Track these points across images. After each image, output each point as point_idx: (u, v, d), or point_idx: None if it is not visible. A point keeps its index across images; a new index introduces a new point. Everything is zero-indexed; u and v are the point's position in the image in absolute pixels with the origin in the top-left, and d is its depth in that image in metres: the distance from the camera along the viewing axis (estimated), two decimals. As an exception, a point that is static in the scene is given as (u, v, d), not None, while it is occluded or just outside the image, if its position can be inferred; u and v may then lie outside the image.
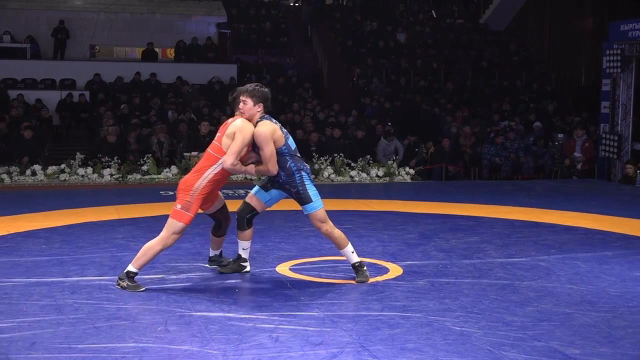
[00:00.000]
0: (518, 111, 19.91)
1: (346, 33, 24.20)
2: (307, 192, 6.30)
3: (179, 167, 14.36)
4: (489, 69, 23.09)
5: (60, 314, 5.40)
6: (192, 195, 6.13)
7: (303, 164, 6.39)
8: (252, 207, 6.55)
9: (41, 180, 14.01)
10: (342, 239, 6.39)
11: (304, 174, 6.33)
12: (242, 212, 6.57)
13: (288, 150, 6.27)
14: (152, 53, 23.09)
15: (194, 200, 6.13)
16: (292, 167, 6.29)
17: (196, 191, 6.14)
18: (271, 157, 6.14)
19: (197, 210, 6.18)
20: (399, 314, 5.45)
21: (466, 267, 7.03)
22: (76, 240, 8.20)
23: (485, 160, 16.34)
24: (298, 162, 6.34)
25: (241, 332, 5.02)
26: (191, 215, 6.12)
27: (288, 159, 6.27)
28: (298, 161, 6.34)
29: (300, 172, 6.31)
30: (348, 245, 6.41)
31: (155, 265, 6.81)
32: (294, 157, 6.32)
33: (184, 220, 6.11)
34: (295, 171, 6.30)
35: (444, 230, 8.98)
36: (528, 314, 5.52)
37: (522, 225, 9.48)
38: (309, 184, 6.34)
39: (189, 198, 6.13)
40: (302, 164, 6.37)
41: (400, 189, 13.88)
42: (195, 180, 6.16)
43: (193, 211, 6.13)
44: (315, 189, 6.37)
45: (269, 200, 6.57)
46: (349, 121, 18.22)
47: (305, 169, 6.37)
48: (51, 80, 20.77)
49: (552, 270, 6.94)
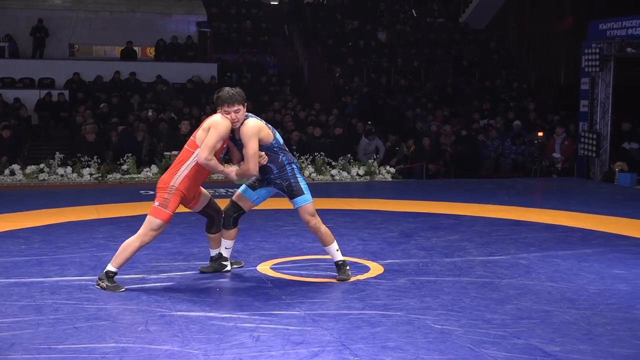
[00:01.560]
0: (498, 110, 20.00)
1: (327, 32, 24.21)
2: (299, 185, 6.32)
3: (159, 166, 14.31)
4: (469, 68, 23.17)
5: (40, 314, 5.37)
6: (170, 192, 6.11)
7: (293, 158, 6.43)
8: (239, 206, 6.54)
9: (20, 179, 13.90)
10: (328, 236, 6.40)
11: (295, 168, 6.35)
12: (228, 211, 6.55)
13: (278, 145, 6.29)
14: (131, 52, 22.99)
15: (172, 197, 6.10)
16: (284, 161, 6.30)
17: (173, 188, 6.12)
18: (254, 155, 6.10)
19: (175, 208, 6.15)
20: (380, 313, 5.46)
21: (447, 266, 7.06)
22: (56, 240, 8.16)
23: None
24: (288, 155, 6.37)
25: (222, 331, 5.02)
26: (169, 212, 6.09)
27: (280, 153, 6.29)
28: (288, 155, 6.38)
29: (292, 165, 6.34)
30: (333, 243, 6.42)
31: (136, 265, 6.79)
32: (284, 151, 6.34)
33: (161, 217, 6.08)
34: (287, 164, 6.31)
35: (424, 229, 9.00)
36: (508, 311, 5.55)
37: (503, 223, 9.52)
38: (299, 177, 6.36)
39: (166, 195, 6.10)
40: (292, 158, 6.41)
41: (381, 187, 13.90)
42: (172, 177, 6.15)
43: (171, 208, 6.10)
44: (305, 183, 6.39)
45: (257, 199, 6.56)
46: (329, 120, 18.24)
47: (295, 162, 6.40)
48: (30, 79, 20.63)
49: (532, 268, 6.98)
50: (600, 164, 15.09)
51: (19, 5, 23.02)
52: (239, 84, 20.34)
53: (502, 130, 17.95)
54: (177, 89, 20.32)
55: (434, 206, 10.91)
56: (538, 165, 16.43)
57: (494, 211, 10.45)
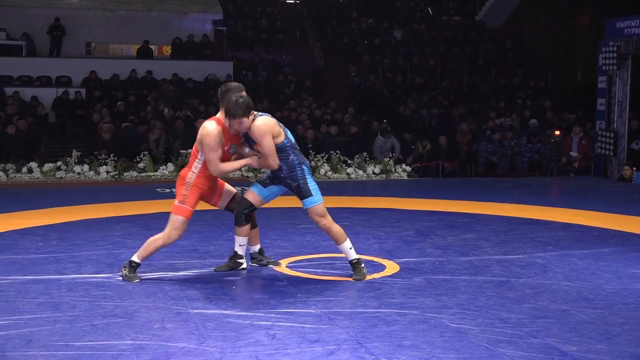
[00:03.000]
0: (514, 108, 19.92)
1: (342, 30, 24.19)
2: (308, 186, 6.29)
3: (175, 164, 14.35)
4: (485, 66, 23.09)
5: (57, 311, 5.39)
6: (187, 188, 6.24)
7: (304, 158, 6.42)
8: (249, 202, 6.54)
9: (37, 177, 13.99)
10: (340, 235, 6.37)
11: (305, 168, 6.34)
12: (239, 206, 6.56)
13: (290, 144, 6.27)
14: (147, 50, 23.06)
15: (189, 192, 6.22)
16: (294, 161, 6.28)
17: (189, 183, 6.23)
18: (272, 152, 6.13)
19: (194, 203, 6.24)
20: (395, 311, 5.45)
21: (463, 264, 7.04)
22: (73, 237, 8.19)
23: (482, 157, 16.36)
24: (299, 155, 6.36)
25: (238, 329, 5.02)
26: (189, 208, 6.19)
27: (290, 153, 6.27)
28: (299, 155, 6.36)
29: (302, 165, 6.32)
30: (346, 241, 6.39)
31: (152, 263, 6.81)
32: (295, 150, 6.33)
33: (182, 213, 6.17)
34: (297, 165, 6.29)
35: (440, 228, 8.98)
36: (525, 310, 5.53)
37: (519, 222, 9.48)
38: (309, 178, 6.34)
39: (184, 191, 6.23)
40: (303, 158, 6.39)
41: (396, 186, 13.88)
42: (187, 174, 6.28)
43: (190, 203, 6.20)
44: (315, 183, 6.37)
45: (267, 195, 6.55)
46: (345, 118, 18.22)
47: (305, 163, 6.39)
48: (47, 77, 20.73)
49: (549, 267, 6.95)
50: (618, 162, 15.00)
51: (36, 4, 23.13)
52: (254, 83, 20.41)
53: (518, 129, 17.88)
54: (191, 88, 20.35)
55: (450, 205, 10.88)
56: (555, 164, 16.36)
57: (510, 210, 10.42)
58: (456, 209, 10.42)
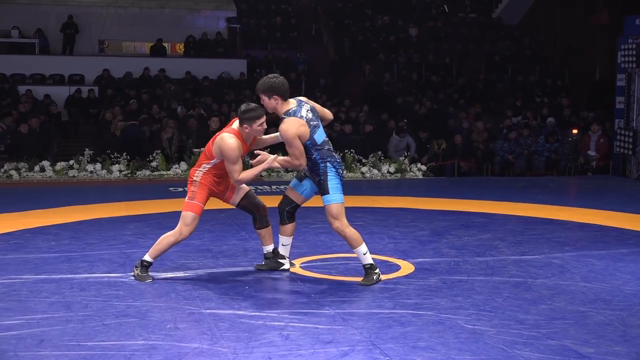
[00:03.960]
0: (531, 106, 19.84)
1: (357, 28, 24.16)
2: (327, 183, 6.19)
3: (189, 163, 14.37)
4: (501, 63, 23.00)
5: (69, 311, 5.42)
6: (195, 184, 6.29)
7: (331, 156, 6.26)
8: (290, 199, 6.51)
9: (50, 176, 14.05)
10: (354, 239, 6.24)
11: (329, 165, 6.21)
12: (281, 205, 6.55)
13: (312, 144, 6.17)
14: (160, 48, 23.12)
15: (198, 188, 6.26)
16: (317, 158, 6.21)
17: (196, 182, 6.28)
18: (300, 155, 6.08)
19: (204, 199, 6.26)
20: (410, 312, 5.44)
21: (479, 265, 7.02)
22: (85, 236, 8.23)
23: (498, 156, 16.30)
24: (324, 154, 6.23)
25: (251, 329, 5.03)
26: (198, 204, 6.22)
27: (313, 152, 6.20)
28: (325, 153, 6.23)
29: (326, 162, 6.21)
30: (360, 246, 6.26)
31: (165, 263, 6.82)
32: (320, 150, 6.21)
33: (192, 209, 6.21)
34: (320, 161, 6.21)
35: (456, 227, 8.96)
36: (541, 312, 5.50)
37: (536, 222, 9.44)
38: (332, 175, 6.20)
39: (193, 188, 6.29)
40: (329, 157, 6.23)
41: (411, 185, 13.86)
42: (194, 172, 6.34)
43: (199, 199, 6.23)
44: (338, 182, 6.22)
45: (304, 190, 6.50)
46: (360, 117, 18.20)
47: (331, 160, 6.23)
48: (60, 75, 20.82)
49: (566, 268, 6.92)
50: (637, 162, 14.91)
51: (49, 2, 23.23)
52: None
53: (535, 127, 17.80)
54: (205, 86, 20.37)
55: (466, 204, 10.85)
56: (572, 163, 16.28)
57: (527, 210, 10.37)
58: (472, 209, 10.39)
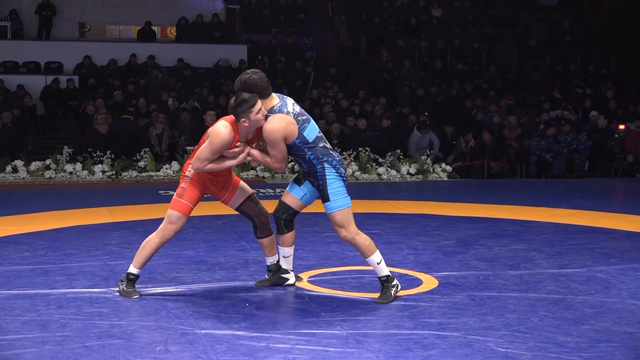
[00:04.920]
0: (572, 99, 19.82)
1: (373, 8, 24.17)
2: (327, 188, 6.07)
3: (181, 162, 14.39)
4: (538, 49, 22.99)
5: (46, 330, 5.42)
6: (186, 181, 6.27)
7: (328, 154, 6.13)
8: (287, 205, 6.39)
9: (23, 177, 14.10)
10: (366, 247, 6.16)
11: (327, 166, 6.09)
12: (276, 212, 6.44)
13: (303, 142, 6.07)
14: (149, 32, 23.18)
15: (188, 185, 6.24)
16: (311, 158, 6.10)
17: (188, 177, 6.27)
18: (281, 160, 6.01)
19: (193, 199, 6.22)
20: (434, 333, 5.43)
21: (512, 279, 7.01)
22: (63, 246, 8.24)
23: (534, 155, 16.29)
24: (320, 152, 6.11)
25: (252, 352, 5.03)
26: (185, 202, 6.19)
27: (305, 150, 6.10)
28: (320, 151, 6.11)
29: (323, 163, 6.09)
30: (373, 255, 6.17)
31: (154, 276, 6.83)
32: (313, 148, 6.10)
33: (178, 208, 6.19)
34: (316, 162, 6.10)
35: (486, 236, 8.95)
36: (584, 333, 5.49)
37: (577, 230, 9.43)
38: (332, 178, 6.09)
39: (183, 184, 6.27)
40: (326, 155, 6.11)
41: (435, 188, 13.85)
42: (188, 166, 6.31)
43: (187, 198, 6.20)
44: (340, 184, 6.11)
45: (304, 195, 6.34)
46: (376, 110, 18.21)
47: (329, 160, 6.10)
48: (35, 63, 20.90)
49: (612, 283, 6.90)
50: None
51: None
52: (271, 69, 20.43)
53: (577, 123, 17.79)
54: (201, 73, 20.43)
55: (497, 210, 10.85)
56: (619, 163, 16.25)
57: (567, 216, 10.36)
58: (504, 215, 10.38)
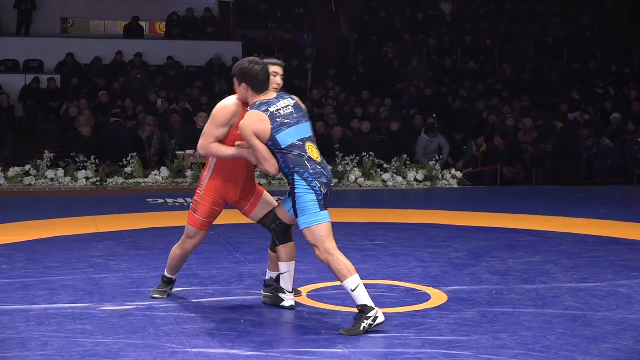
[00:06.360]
0: (592, 100, 19.83)
1: (378, 3, 24.20)
2: (295, 202, 5.91)
3: (171, 168, 14.38)
4: (555, 47, 23.00)
5: (25, 349, 5.43)
6: (200, 193, 6.32)
7: (301, 164, 5.88)
8: (275, 215, 6.27)
9: (1, 184, 14.09)
10: (338, 270, 5.89)
11: (297, 177, 5.88)
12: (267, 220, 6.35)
13: (275, 146, 5.90)
14: (137, 28, 23.19)
15: (202, 197, 6.28)
16: (282, 166, 5.95)
17: (203, 185, 6.30)
18: (263, 158, 5.88)
19: (206, 212, 6.25)
20: (443, 352, 5.44)
21: (527, 294, 7.01)
22: (44, 258, 8.24)
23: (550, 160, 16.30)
24: (291, 160, 5.89)
25: (247, 373, 5.04)
26: (199, 217, 6.27)
27: (278, 156, 5.93)
28: (291, 160, 5.89)
29: (293, 173, 5.90)
30: (347, 280, 5.87)
31: (142, 291, 6.84)
32: (285, 154, 5.91)
33: (192, 223, 6.33)
34: (287, 171, 5.94)
35: (498, 248, 8.96)
36: (604, 352, 5.50)
37: (597, 241, 9.43)
38: (302, 191, 5.87)
39: (196, 197, 6.33)
40: (298, 165, 5.87)
41: (444, 196, 13.85)
42: (203, 173, 6.36)
43: (200, 213, 6.27)
44: (311, 199, 5.87)
45: (291, 209, 6.11)
46: (381, 112, 18.22)
47: (301, 171, 5.87)
48: (13, 61, 20.92)
49: (635, 299, 6.91)
50: None
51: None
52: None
53: (598, 126, 17.79)
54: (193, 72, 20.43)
55: (511, 220, 10.85)
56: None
57: (586, 226, 10.36)
58: (518, 225, 10.38)
